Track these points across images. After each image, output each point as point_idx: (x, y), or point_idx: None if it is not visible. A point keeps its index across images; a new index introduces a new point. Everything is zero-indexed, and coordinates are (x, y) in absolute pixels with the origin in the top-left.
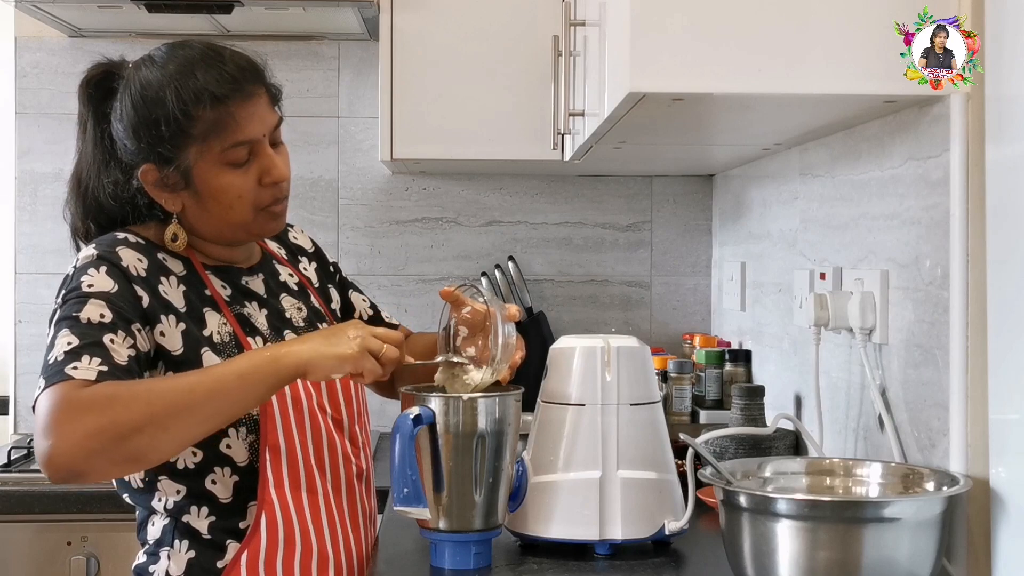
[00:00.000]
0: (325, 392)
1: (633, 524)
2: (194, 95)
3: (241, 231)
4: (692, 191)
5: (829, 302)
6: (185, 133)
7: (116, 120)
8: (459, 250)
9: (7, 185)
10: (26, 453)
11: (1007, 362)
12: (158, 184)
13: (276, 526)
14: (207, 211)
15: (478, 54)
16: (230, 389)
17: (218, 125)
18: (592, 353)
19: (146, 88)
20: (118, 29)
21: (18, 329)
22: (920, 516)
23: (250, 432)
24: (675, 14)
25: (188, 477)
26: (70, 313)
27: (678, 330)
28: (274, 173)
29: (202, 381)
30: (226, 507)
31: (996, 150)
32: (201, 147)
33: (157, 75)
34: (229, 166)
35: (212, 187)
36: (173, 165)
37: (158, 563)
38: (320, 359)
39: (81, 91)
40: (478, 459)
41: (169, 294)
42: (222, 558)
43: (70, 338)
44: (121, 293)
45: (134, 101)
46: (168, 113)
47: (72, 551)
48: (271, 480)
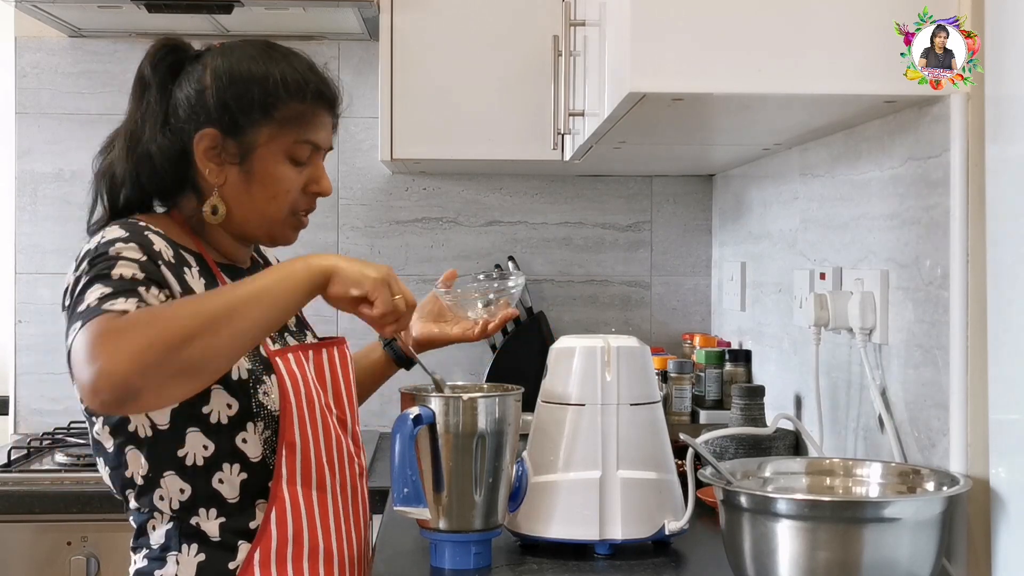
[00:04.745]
0: (331, 392)
1: (633, 524)
2: (296, 84)
3: (265, 227)
4: (692, 191)
5: (829, 302)
6: (267, 113)
7: (193, 81)
8: (459, 250)
9: (7, 185)
10: (26, 453)
11: (1007, 362)
12: (211, 151)
13: (286, 523)
14: (249, 194)
15: (478, 54)
16: (273, 294)
17: (300, 119)
18: (592, 353)
19: (250, 61)
20: (118, 29)
21: (18, 329)
22: (920, 516)
23: (267, 428)
24: (675, 14)
25: (196, 475)
26: (101, 272)
27: (678, 330)
28: (322, 183)
29: (242, 290)
30: (234, 506)
31: (996, 150)
32: (275, 131)
33: (264, 56)
34: (290, 160)
35: (267, 172)
36: (239, 137)
37: (164, 567)
38: (346, 270)
39: (149, 59)
40: (478, 459)
41: (192, 283)
42: (234, 559)
43: (104, 289)
44: (150, 268)
45: (233, 66)
46: (266, 87)
47: (72, 551)
48: (284, 476)
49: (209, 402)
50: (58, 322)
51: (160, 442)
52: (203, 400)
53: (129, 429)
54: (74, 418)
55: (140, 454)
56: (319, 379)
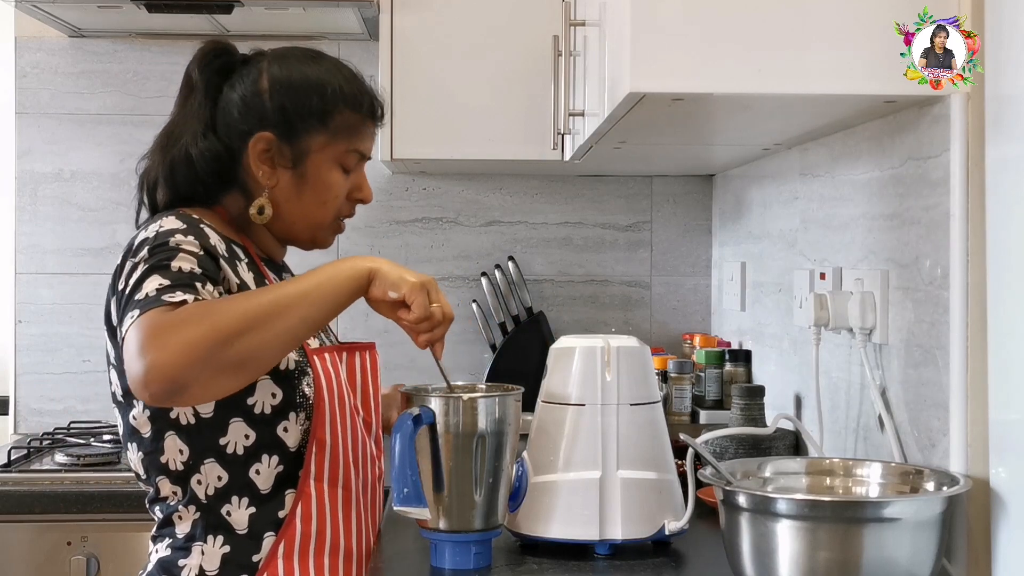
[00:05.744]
0: (360, 395)
1: (633, 524)
2: (352, 95)
3: (310, 230)
4: (692, 191)
5: (829, 302)
6: (323, 121)
7: (247, 85)
8: (459, 250)
9: (7, 185)
10: (26, 453)
11: (1007, 362)
12: (265, 154)
13: (311, 518)
14: (299, 197)
15: (478, 54)
16: (321, 293)
17: (353, 129)
18: (592, 353)
19: (307, 68)
20: (118, 29)
21: (18, 329)
22: (920, 516)
23: (308, 418)
24: (675, 14)
25: (235, 464)
26: (160, 262)
27: (678, 330)
28: (365, 191)
29: (290, 289)
30: (266, 497)
31: (996, 150)
32: (329, 139)
33: (319, 65)
34: (340, 167)
35: (320, 178)
36: (293, 142)
37: (189, 557)
38: (388, 271)
39: (197, 63)
40: (478, 459)
41: (243, 275)
42: (257, 552)
43: (162, 280)
44: (208, 263)
45: (292, 73)
46: (324, 96)
47: (72, 551)
48: (313, 472)
49: (254, 394)
50: (58, 322)
51: (202, 430)
52: (248, 392)
53: (171, 416)
54: (74, 418)
55: (180, 441)
56: (350, 381)
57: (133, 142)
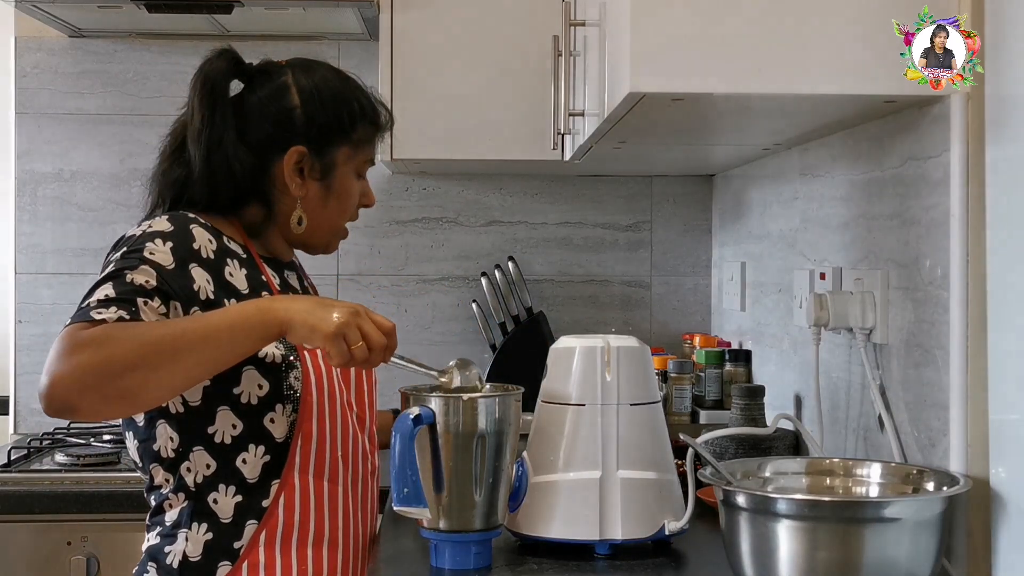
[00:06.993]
0: (353, 390)
1: (633, 524)
2: (371, 110)
3: (328, 236)
4: (692, 191)
5: (829, 302)
6: (346, 134)
7: (276, 99)
8: (459, 250)
9: (7, 185)
10: (26, 453)
11: (1007, 362)
12: (297, 167)
13: (293, 509)
14: (326, 206)
15: (478, 54)
16: (221, 339)
17: (370, 141)
18: (592, 353)
19: (332, 83)
20: (118, 29)
21: (18, 329)
22: (920, 516)
23: (295, 410)
24: (675, 14)
25: (223, 452)
26: (120, 270)
27: (678, 330)
28: (371, 195)
29: (194, 328)
30: (252, 486)
31: (996, 150)
32: (351, 151)
33: (340, 79)
34: (357, 176)
35: (345, 187)
36: (323, 155)
37: (174, 544)
38: (299, 324)
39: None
40: (478, 459)
41: (234, 276)
42: (239, 539)
43: (109, 292)
44: (176, 274)
45: (321, 89)
46: (351, 111)
47: (72, 551)
48: (297, 464)
49: (240, 384)
50: (58, 322)
51: (191, 418)
52: (234, 382)
53: (161, 405)
54: None
55: (171, 428)
56: (344, 376)
57: (133, 142)
